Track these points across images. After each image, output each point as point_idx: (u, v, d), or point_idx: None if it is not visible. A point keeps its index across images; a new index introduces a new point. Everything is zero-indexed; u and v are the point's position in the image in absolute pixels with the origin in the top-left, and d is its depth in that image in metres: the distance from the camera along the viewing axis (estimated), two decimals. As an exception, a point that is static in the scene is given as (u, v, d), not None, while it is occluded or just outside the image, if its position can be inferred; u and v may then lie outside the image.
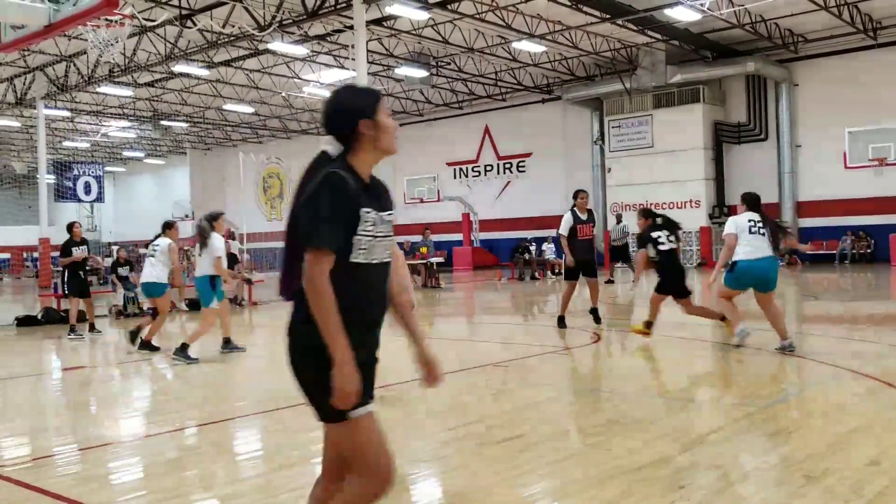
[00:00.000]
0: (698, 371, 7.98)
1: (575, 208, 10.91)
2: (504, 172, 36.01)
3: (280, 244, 2.68)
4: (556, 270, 25.97)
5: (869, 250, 26.61)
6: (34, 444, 5.62)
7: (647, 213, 10.00)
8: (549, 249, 27.78)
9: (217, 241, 9.45)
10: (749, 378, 7.16)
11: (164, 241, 10.34)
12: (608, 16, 22.79)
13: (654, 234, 9.50)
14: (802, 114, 27.84)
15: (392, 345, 3.40)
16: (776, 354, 8.17)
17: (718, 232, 29.08)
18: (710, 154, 29.07)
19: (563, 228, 10.87)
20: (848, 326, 10.70)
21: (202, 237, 9.37)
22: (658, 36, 25.46)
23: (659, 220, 9.81)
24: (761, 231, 8.23)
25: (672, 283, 9.40)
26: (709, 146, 28.96)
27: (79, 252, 12.47)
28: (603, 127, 31.18)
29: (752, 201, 8.67)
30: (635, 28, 24.43)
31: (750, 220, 8.37)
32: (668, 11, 22.05)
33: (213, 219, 9.65)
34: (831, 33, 25.66)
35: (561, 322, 11.02)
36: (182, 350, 9.11)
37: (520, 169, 35.44)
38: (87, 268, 13.24)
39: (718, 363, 8.47)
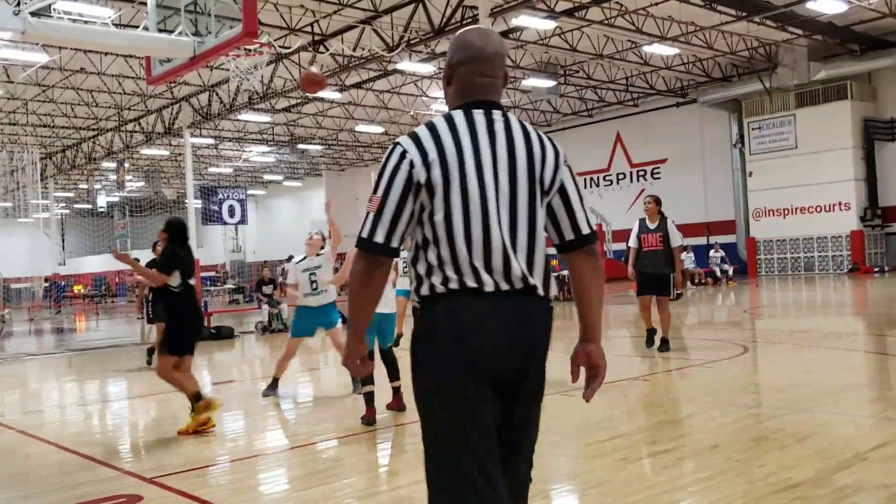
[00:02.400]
0: (852, 383, 7.48)
1: (644, 216, 9.85)
2: (637, 180, 35.22)
3: None
4: (697, 280, 25.16)
5: None
6: (190, 455, 5.93)
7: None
8: (687, 259, 26.93)
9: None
10: (914, 391, 6.65)
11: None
12: (744, 14, 21.91)
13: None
14: (963, 105, 25.79)
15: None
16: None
17: (871, 235, 27.30)
18: (860, 153, 27.36)
19: (631, 239, 9.90)
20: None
21: None
22: (799, 31, 24.25)
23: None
24: None
25: None
26: (858, 145, 27.27)
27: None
28: (742, 129, 29.98)
29: None
30: (774, 25, 23.36)
31: None
32: (809, 5, 20.98)
33: None
34: None
35: (649, 340, 9.85)
36: None
37: (654, 176, 34.57)
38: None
39: (873, 374, 7.91)
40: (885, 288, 19.89)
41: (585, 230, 2.45)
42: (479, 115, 2.41)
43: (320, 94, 28.32)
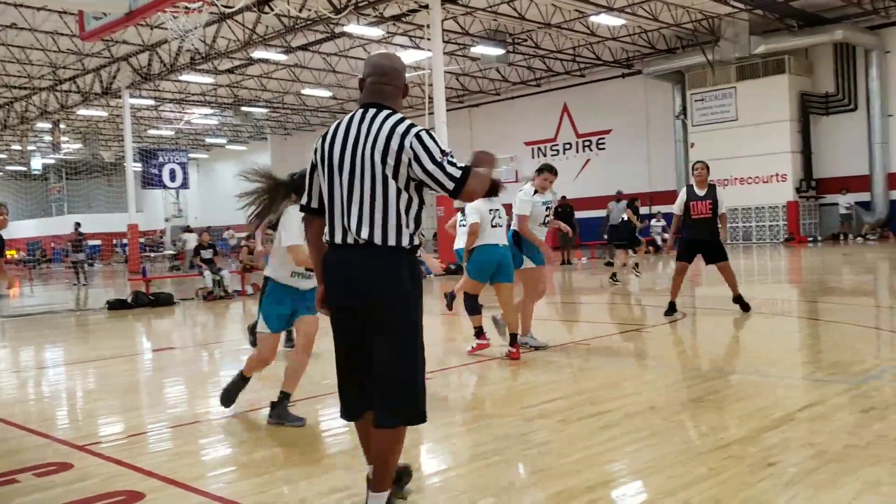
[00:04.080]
0: (787, 347, 7.74)
1: (692, 183, 9.91)
2: (583, 150, 35.52)
3: None
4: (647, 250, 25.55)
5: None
6: (128, 423, 5.86)
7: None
8: (657, 227, 27.35)
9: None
10: (841, 354, 6.91)
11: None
12: (688, -15, 22.12)
13: None
14: (894, 82, 26.54)
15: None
16: (871, 329, 7.84)
17: (806, 206, 28.09)
18: (797, 126, 28.02)
19: (677, 206, 9.99)
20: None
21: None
22: (741, 5, 24.60)
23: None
24: None
25: None
26: (795, 118, 27.92)
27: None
28: (685, 101, 30.40)
29: None
30: (717, -2, 23.67)
31: None
32: (751, -21, 21.26)
33: None
34: (927, -5, 24.37)
35: (671, 309, 9.71)
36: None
37: (600, 146, 34.91)
38: None
39: (807, 339, 8.20)
40: (818, 257, 20.54)
41: (449, 185, 3.18)
42: (357, 112, 3.35)
43: (265, 54, 27.80)
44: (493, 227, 7.43)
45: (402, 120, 3.28)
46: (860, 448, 4.10)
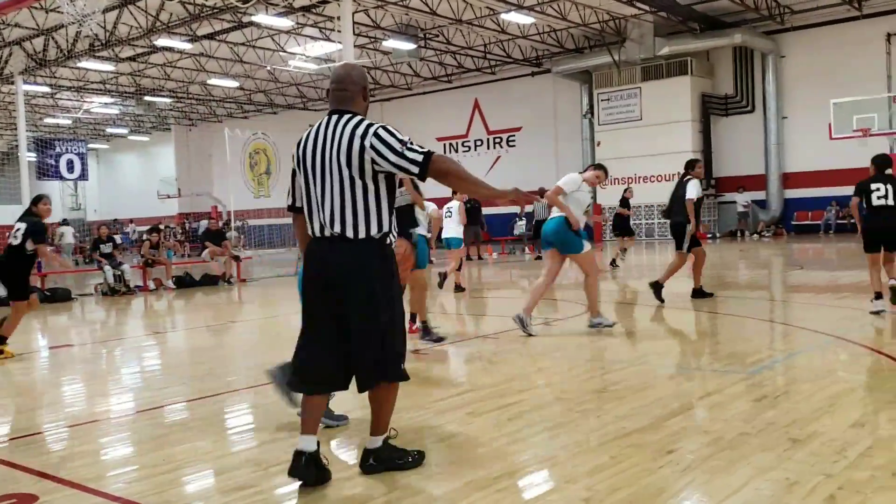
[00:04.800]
0: (688, 339, 8.03)
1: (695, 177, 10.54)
2: (494, 147, 35.88)
3: (270, 221, 3.01)
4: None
5: (853, 220, 26.77)
6: (20, 423, 5.60)
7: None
8: (519, 226, 27.80)
9: None
10: (738, 345, 7.22)
11: (455, 203, 12.09)
12: (595, -14, 22.63)
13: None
14: (789, 85, 27.84)
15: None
16: (763, 322, 8.22)
17: (706, 204, 29.16)
18: (698, 126, 29.06)
19: (695, 194, 10.45)
20: (832, 295, 10.77)
21: None
22: (646, 7, 25.31)
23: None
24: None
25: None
26: (696, 118, 28.94)
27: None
28: (592, 100, 31.08)
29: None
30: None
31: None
32: (655, -18, 21.91)
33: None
34: (817, 4, 25.65)
35: (700, 293, 10.52)
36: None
37: (510, 143, 35.33)
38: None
39: (706, 331, 8.52)
40: (717, 253, 21.36)
41: (413, 169, 3.53)
42: (325, 119, 3.75)
43: (169, 42, 26.99)
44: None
45: (361, 122, 3.66)
46: (752, 435, 4.29)
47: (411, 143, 3.57)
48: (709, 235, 28.51)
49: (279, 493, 3.76)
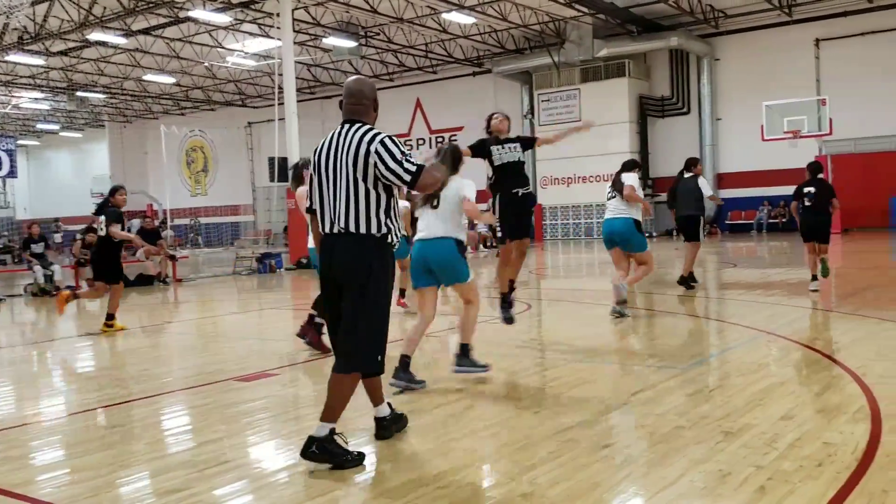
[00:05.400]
0: (624, 336, 8.17)
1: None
2: (437, 146, 35.89)
3: (207, 220, 2.85)
4: (489, 244, 26.11)
5: (784, 219, 27.62)
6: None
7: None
8: (480, 223, 27.88)
9: None
10: (673, 341, 7.37)
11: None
12: (535, -12, 22.84)
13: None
14: (723, 88, 28.57)
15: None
16: (697, 318, 8.41)
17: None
18: (636, 127, 29.59)
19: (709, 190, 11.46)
20: (763, 291, 11.08)
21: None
22: (585, 10, 25.67)
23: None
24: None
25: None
26: (634, 120, 29.47)
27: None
28: (533, 100, 31.37)
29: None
30: (562, 1, 24.57)
31: None
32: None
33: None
34: (749, 9, 26.36)
35: (685, 280, 11.44)
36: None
37: (452, 142, 35.38)
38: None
39: (643, 328, 8.68)
40: (655, 252, 21.75)
41: (406, 177, 3.99)
42: (338, 127, 4.19)
43: (102, 36, 26.30)
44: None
45: (369, 130, 4.09)
46: (686, 429, 4.39)
47: (409, 157, 4.04)
48: (647, 235, 29.04)
49: (216, 494, 3.70)
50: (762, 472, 3.62)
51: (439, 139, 35.81)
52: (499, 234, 7.26)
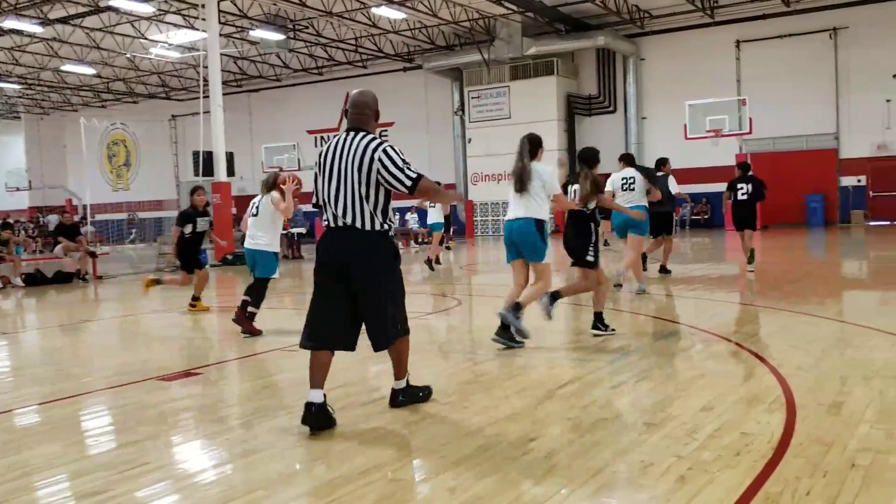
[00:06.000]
0: (551, 330, 8.27)
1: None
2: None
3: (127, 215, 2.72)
4: (420, 240, 26.10)
5: (706, 216, 28.43)
6: None
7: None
8: (412, 219, 27.86)
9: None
10: (599, 336, 7.49)
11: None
12: (465, -16, 22.90)
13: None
14: (648, 87, 29.20)
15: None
16: (624, 313, 8.58)
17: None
18: (564, 126, 29.99)
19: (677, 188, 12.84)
20: (685, 287, 11.38)
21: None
22: (514, 7, 25.87)
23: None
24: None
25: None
26: (562, 118, 29.86)
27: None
28: (463, 97, 31.49)
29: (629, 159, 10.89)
30: (492, -2, 24.72)
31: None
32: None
33: None
34: (674, 10, 26.99)
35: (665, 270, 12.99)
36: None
37: (382, 138, 35.22)
38: None
39: (569, 321, 8.82)
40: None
41: (407, 182, 4.50)
42: (344, 134, 4.74)
43: (17, 24, 25.30)
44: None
45: (373, 139, 4.64)
46: (610, 421, 4.48)
47: (409, 165, 4.56)
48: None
49: (138, 496, 3.60)
50: (683, 462, 3.72)
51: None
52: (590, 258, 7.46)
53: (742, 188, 12.46)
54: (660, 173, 12.50)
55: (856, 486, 3.35)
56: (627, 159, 10.88)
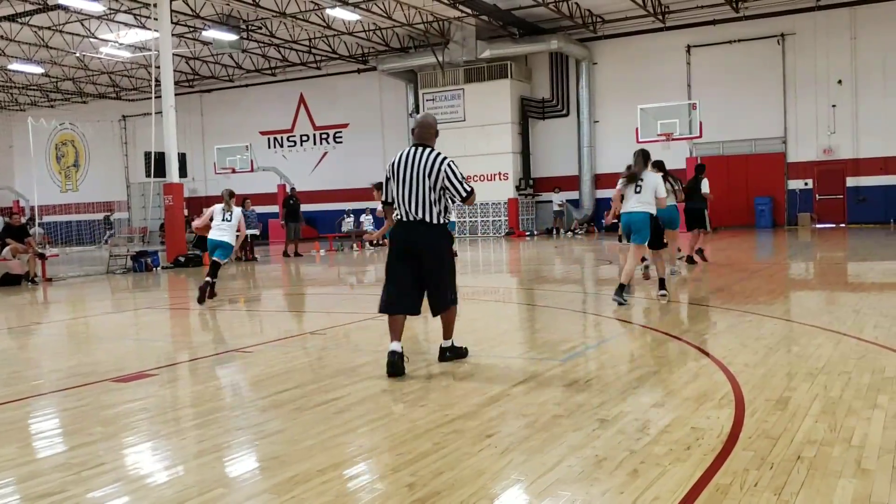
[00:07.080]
0: (506, 330, 8.38)
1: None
2: (321, 143, 35.55)
3: (76, 217, 2.67)
4: (376, 242, 26.04)
5: (658, 219, 28.86)
6: None
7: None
8: (366, 221, 27.80)
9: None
10: (551, 335, 7.61)
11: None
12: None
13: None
14: (600, 91, 29.58)
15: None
16: (577, 313, 8.70)
17: (524, 203, 30.42)
18: (518, 128, 30.23)
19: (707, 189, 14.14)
20: (637, 287, 11.57)
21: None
22: (468, 10, 26.00)
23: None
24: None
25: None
26: (516, 121, 30.10)
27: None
28: (418, 99, 31.53)
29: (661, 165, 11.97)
30: (447, 2, 24.80)
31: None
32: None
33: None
34: (626, 15, 27.40)
35: (691, 260, 13.86)
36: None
37: (337, 140, 35.15)
38: None
39: (524, 322, 8.92)
40: (535, 249, 22.35)
41: (463, 194, 5.99)
42: (412, 148, 6.07)
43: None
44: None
45: (439, 154, 5.98)
46: (565, 417, 4.57)
47: (466, 181, 6.06)
48: (527, 233, 29.76)
49: (91, 497, 3.57)
50: (635, 457, 3.82)
51: (324, 135, 35.50)
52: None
53: (704, 187, 13.96)
54: (702, 177, 14.14)
55: (801, 477, 3.48)
56: (658, 165, 11.78)
